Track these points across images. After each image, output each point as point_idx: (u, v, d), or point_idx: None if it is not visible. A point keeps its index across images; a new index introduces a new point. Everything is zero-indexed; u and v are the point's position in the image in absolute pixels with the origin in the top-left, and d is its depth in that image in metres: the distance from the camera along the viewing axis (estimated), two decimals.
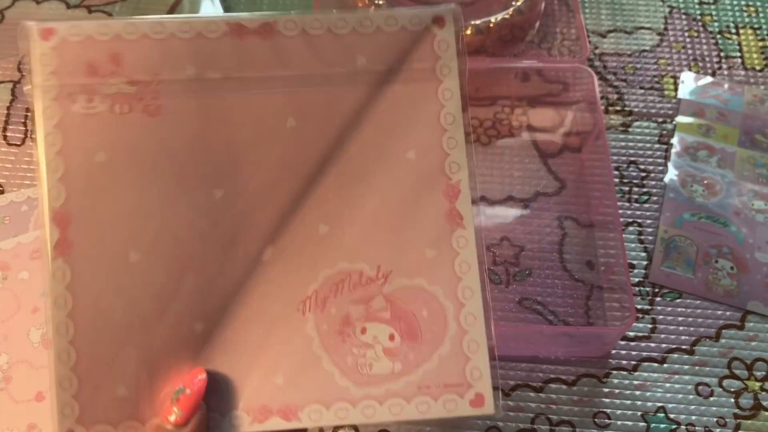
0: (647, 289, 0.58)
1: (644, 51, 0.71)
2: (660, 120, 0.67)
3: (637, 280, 0.59)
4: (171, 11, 0.73)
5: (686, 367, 0.55)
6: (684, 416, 0.53)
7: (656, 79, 0.69)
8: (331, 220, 0.38)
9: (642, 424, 0.53)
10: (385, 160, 0.39)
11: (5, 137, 0.66)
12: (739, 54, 0.71)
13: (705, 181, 0.63)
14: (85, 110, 0.37)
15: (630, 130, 0.66)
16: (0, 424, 0.51)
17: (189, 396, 0.35)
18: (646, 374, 0.55)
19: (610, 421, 0.53)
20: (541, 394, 0.54)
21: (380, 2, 0.67)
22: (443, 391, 0.37)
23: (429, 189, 0.38)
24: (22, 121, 0.67)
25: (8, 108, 0.67)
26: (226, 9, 0.72)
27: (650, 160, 0.64)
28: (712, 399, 0.54)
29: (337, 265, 0.38)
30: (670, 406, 0.53)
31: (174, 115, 0.38)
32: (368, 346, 0.37)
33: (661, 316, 0.57)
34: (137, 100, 0.37)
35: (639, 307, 0.57)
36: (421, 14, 0.39)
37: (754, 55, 0.70)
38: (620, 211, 0.62)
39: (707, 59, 0.70)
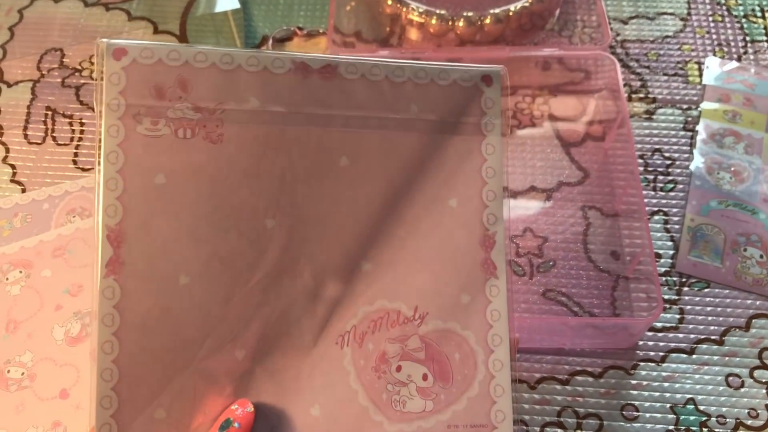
0: (674, 278, 0.57)
1: (667, 37, 0.70)
2: (685, 107, 0.65)
3: (663, 270, 0.58)
4: (188, 7, 0.73)
5: (716, 357, 0.54)
6: (714, 408, 0.52)
7: (680, 66, 0.68)
8: (374, 258, 0.40)
9: (671, 416, 0.52)
10: (429, 206, 0.40)
11: (26, 136, 0.66)
12: (765, 38, 0.69)
13: (732, 168, 0.61)
14: (149, 132, 0.38)
15: (654, 117, 0.65)
16: (25, 421, 0.52)
17: (238, 430, 0.36)
18: (674, 366, 0.54)
19: (638, 414, 0.52)
20: (567, 387, 0.53)
21: (412, 6, 0.67)
22: (469, 431, 0.38)
23: (467, 237, 0.40)
24: (42, 120, 0.67)
25: (28, 107, 0.67)
26: (243, 3, 0.72)
27: (675, 147, 0.63)
28: (743, 390, 0.53)
29: (376, 302, 0.39)
30: (700, 397, 0.52)
31: (234, 143, 0.38)
32: (403, 383, 0.39)
33: (689, 307, 0.56)
34: (201, 127, 0.38)
35: (666, 297, 0.56)
36: (472, 72, 0.41)
37: None
38: (645, 200, 0.61)
39: (732, 44, 0.69)
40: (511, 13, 0.65)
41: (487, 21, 0.65)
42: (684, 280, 0.57)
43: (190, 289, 0.37)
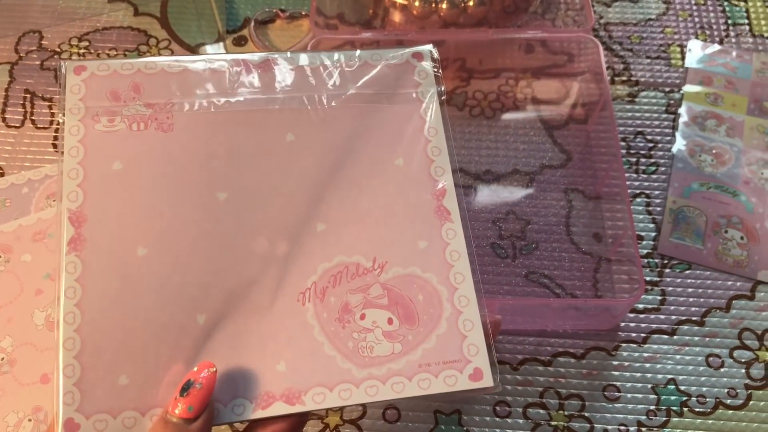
0: (656, 260, 0.58)
1: (650, 20, 0.70)
2: (667, 89, 0.66)
3: (645, 251, 0.58)
4: None
5: (696, 338, 0.54)
6: (695, 388, 0.53)
7: (663, 48, 0.68)
8: (328, 219, 0.42)
9: (652, 396, 0.52)
10: (376, 167, 0.43)
11: (4, 119, 0.65)
12: (747, 21, 0.69)
13: (713, 151, 0.62)
14: (107, 128, 0.42)
15: (637, 100, 0.65)
16: (6, 406, 0.51)
17: (200, 390, 0.36)
18: (656, 346, 0.54)
19: (620, 394, 0.52)
20: (549, 368, 0.53)
21: None
22: (443, 368, 0.39)
23: (417, 190, 0.43)
24: (21, 102, 0.66)
25: (6, 90, 0.67)
26: None
27: (657, 130, 0.63)
28: (722, 370, 0.53)
29: (334, 258, 0.41)
30: (681, 378, 0.53)
31: (184, 131, 0.42)
32: (368, 330, 0.40)
33: (670, 288, 0.56)
34: (152, 119, 0.43)
35: (648, 279, 0.57)
36: (402, 51, 0.46)
37: (762, 22, 0.69)
38: (627, 183, 0.61)
39: (714, 27, 0.69)
40: None
41: (471, 3, 0.64)
42: (666, 261, 0.57)
43: (149, 260, 0.40)
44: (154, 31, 0.70)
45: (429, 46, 0.47)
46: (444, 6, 0.64)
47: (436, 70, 0.46)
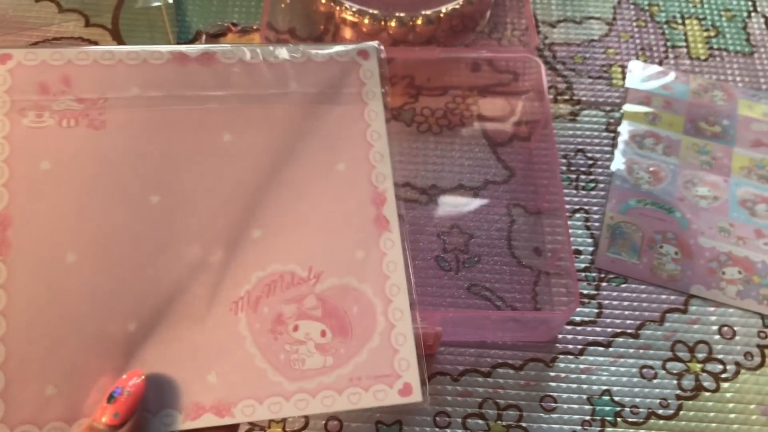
0: (593, 274, 0.59)
1: (593, 41, 0.72)
2: (608, 109, 0.68)
3: (583, 265, 0.60)
4: (120, 1, 0.72)
5: (631, 350, 0.56)
6: (628, 398, 0.54)
7: (604, 69, 0.70)
8: (265, 225, 0.41)
9: (588, 406, 0.54)
10: (316, 171, 0.42)
11: None
12: (684, 44, 0.72)
13: (651, 169, 0.64)
14: (34, 124, 0.40)
15: (578, 118, 0.67)
16: None
17: (128, 397, 0.36)
18: (592, 358, 0.56)
19: (556, 405, 0.54)
20: (489, 379, 0.55)
21: (346, 5, 0.68)
22: (373, 382, 0.39)
23: (357, 197, 0.42)
24: None
25: None
26: (177, 3, 0.72)
27: (597, 148, 0.65)
28: (655, 381, 0.55)
29: (269, 267, 0.40)
30: (615, 389, 0.55)
31: (117, 129, 0.41)
32: (301, 342, 0.39)
33: (607, 301, 0.58)
34: (84, 116, 0.41)
35: (585, 292, 0.58)
36: (348, 48, 0.45)
37: (699, 45, 0.72)
38: (567, 199, 0.63)
39: (654, 49, 0.72)
40: (442, 15, 0.66)
41: (419, 22, 0.66)
42: (603, 275, 0.59)
43: (78, 266, 0.38)
44: (105, 42, 0.70)
45: (375, 44, 0.45)
46: (393, 24, 0.66)
47: (381, 68, 0.45)
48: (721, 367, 0.56)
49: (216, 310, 0.39)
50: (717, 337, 0.57)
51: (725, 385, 0.55)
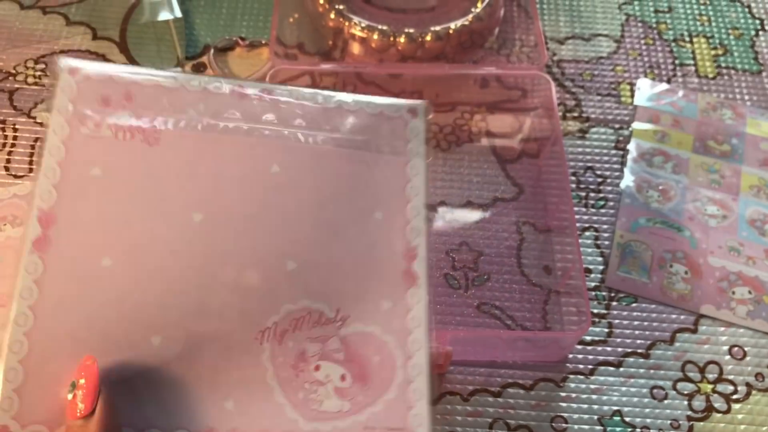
0: (603, 293, 0.59)
1: (601, 58, 0.72)
2: (617, 126, 0.68)
3: (593, 284, 0.59)
4: (128, 14, 0.72)
5: (642, 370, 0.56)
6: (639, 419, 0.54)
7: (613, 86, 0.70)
8: (300, 259, 0.41)
9: (598, 427, 0.53)
10: (355, 216, 0.43)
11: None
12: (692, 62, 0.72)
13: (660, 187, 0.64)
14: (91, 133, 0.41)
15: (587, 136, 0.67)
16: None
17: (85, 384, 0.35)
18: (602, 378, 0.55)
19: (567, 425, 0.53)
20: (499, 399, 0.54)
21: (340, 6, 0.67)
22: None
23: (390, 248, 0.43)
24: None
25: None
26: (185, 12, 0.72)
27: (607, 165, 0.65)
28: (666, 402, 0.55)
29: (299, 301, 0.41)
30: (626, 409, 0.54)
31: (170, 146, 0.42)
32: (320, 383, 0.40)
33: (617, 321, 0.58)
34: (139, 131, 0.42)
35: (595, 311, 0.58)
36: (399, 104, 0.45)
37: (707, 63, 0.72)
38: (577, 217, 0.62)
39: (662, 66, 0.72)
40: (451, 31, 0.66)
41: (428, 38, 0.66)
42: (613, 294, 0.59)
43: (112, 272, 0.39)
44: (112, 55, 0.70)
45: (424, 103, 0.46)
46: (402, 40, 0.66)
47: (427, 128, 0.46)
48: (732, 388, 0.55)
49: (242, 337, 0.39)
50: (727, 357, 0.56)
51: (736, 406, 0.54)
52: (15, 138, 0.65)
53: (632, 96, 0.69)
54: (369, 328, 0.41)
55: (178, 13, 0.69)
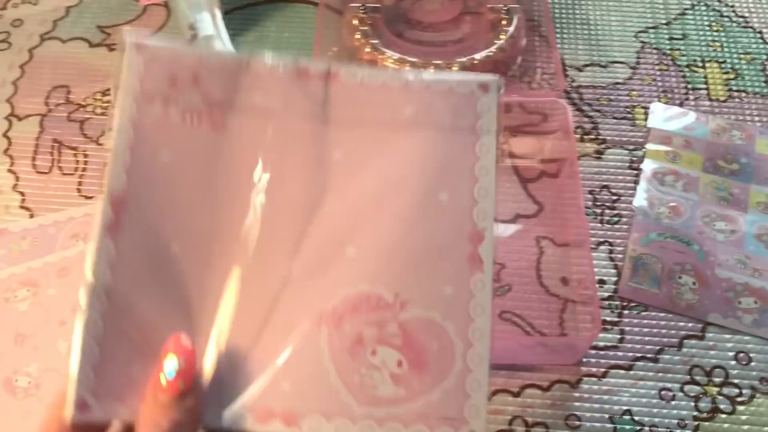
0: (616, 302, 0.64)
1: (618, 83, 0.77)
2: (631, 147, 0.73)
3: (607, 294, 0.64)
4: None
5: (651, 373, 0.61)
6: (648, 419, 0.58)
7: (628, 110, 0.75)
8: (360, 244, 0.40)
9: (609, 425, 0.58)
10: (419, 199, 0.41)
11: (34, 166, 0.72)
12: (705, 86, 0.77)
13: (671, 204, 0.68)
14: (160, 115, 0.40)
15: (603, 157, 0.72)
16: (32, 426, 0.57)
17: (184, 363, 0.36)
18: (614, 380, 0.60)
19: (580, 423, 0.58)
20: (518, 399, 0.60)
21: (374, 41, 0.74)
22: (440, 423, 0.38)
23: (456, 231, 0.40)
24: (49, 151, 0.73)
25: (37, 139, 0.74)
26: (235, 47, 0.79)
27: (621, 184, 0.70)
28: (673, 403, 0.59)
29: (358, 286, 0.40)
30: (635, 409, 0.59)
31: (235, 133, 0.41)
32: (376, 368, 0.38)
33: (628, 328, 0.63)
34: (207, 116, 0.41)
35: (608, 319, 0.63)
36: (469, 80, 0.43)
37: (719, 87, 0.76)
38: (593, 231, 0.67)
39: (675, 91, 0.76)
40: (476, 62, 0.72)
41: (454, 68, 0.72)
42: (625, 304, 0.64)
43: (180, 257, 0.39)
44: None
45: (496, 77, 0.43)
46: (431, 71, 0.72)
47: (500, 103, 0.42)
48: (737, 391, 0.60)
49: (300, 320, 0.39)
50: (733, 362, 0.61)
51: (741, 408, 0.59)
52: (86, 163, 0.72)
53: (646, 119, 0.74)
54: (429, 313, 0.39)
55: (230, 48, 0.76)
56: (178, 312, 0.39)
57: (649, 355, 0.61)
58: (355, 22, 0.76)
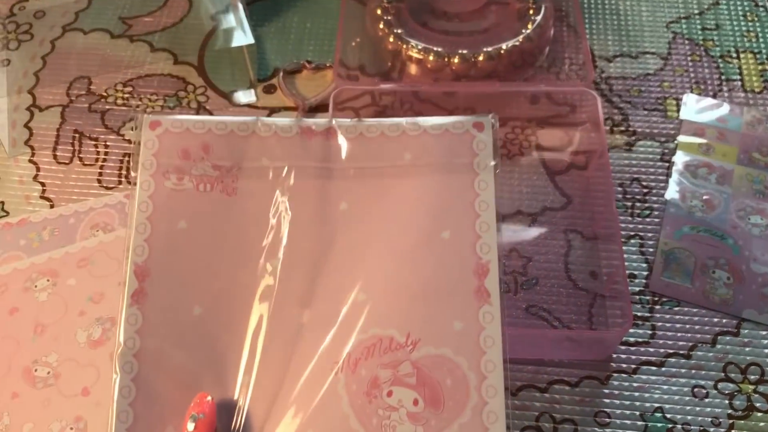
0: (647, 297, 0.62)
1: (648, 74, 0.75)
2: (662, 139, 0.71)
3: (638, 289, 0.62)
4: (206, 41, 0.79)
5: (683, 370, 0.59)
6: (680, 416, 0.57)
7: (659, 101, 0.73)
8: (369, 289, 0.42)
9: (641, 423, 0.56)
10: (422, 239, 0.43)
11: (55, 156, 0.72)
12: (739, 77, 0.74)
13: (704, 197, 0.66)
14: (175, 186, 0.44)
15: (634, 149, 0.70)
16: (50, 415, 0.56)
17: (206, 418, 0.39)
18: (645, 377, 0.58)
19: (610, 420, 0.57)
20: (545, 395, 0.58)
21: (398, 31, 0.73)
22: None
23: (460, 266, 0.42)
24: (70, 141, 0.73)
25: (58, 130, 0.73)
26: (257, 38, 0.78)
27: (652, 177, 0.68)
28: (707, 400, 0.57)
29: (370, 330, 0.41)
30: (667, 406, 0.57)
31: (247, 196, 0.45)
32: (393, 408, 0.40)
33: (660, 323, 0.61)
34: (219, 182, 0.45)
35: (639, 314, 0.61)
36: (464, 121, 0.45)
37: (754, 78, 0.74)
38: (623, 225, 0.66)
39: (708, 82, 0.74)
40: (502, 51, 0.71)
41: (480, 58, 0.70)
42: (656, 299, 0.62)
43: (203, 319, 0.42)
44: (191, 78, 0.77)
45: (490, 116, 0.45)
46: (456, 60, 0.70)
47: (495, 140, 0.45)
48: None
49: (318, 369, 0.41)
50: None
51: None
52: (106, 154, 0.72)
53: (678, 111, 0.72)
54: (441, 350, 0.40)
55: (251, 39, 0.76)
56: (203, 372, 0.41)
57: (681, 352, 0.59)
58: (379, 11, 0.74)
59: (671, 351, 0.59)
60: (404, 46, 0.72)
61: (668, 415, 0.57)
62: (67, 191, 0.69)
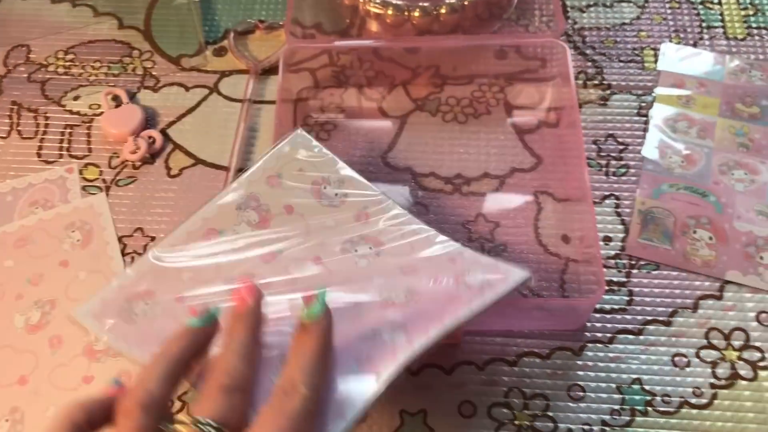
0: (624, 261, 0.58)
1: (624, 24, 0.70)
2: (639, 93, 0.66)
3: (614, 252, 0.58)
4: (153, 3, 0.74)
5: (663, 338, 0.55)
6: (659, 387, 0.53)
7: (636, 52, 0.68)
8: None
9: (617, 395, 0.52)
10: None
11: None
12: (721, 24, 0.70)
13: (684, 152, 0.62)
14: None
15: (609, 103, 0.66)
16: None
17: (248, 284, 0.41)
18: (622, 347, 0.54)
19: (584, 393, 0.53)
20: (515, 368, 0.54)
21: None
22: None
23: None
24: (8, 114, 0.68)
25: None
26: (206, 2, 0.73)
27: (629, 133, 0.64)
28: (688, 370, 0.53)
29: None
30: (646, 377, 0.53)
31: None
32: None
33: (637, 288, 0.57)
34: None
35: (615, 279, 0.57)
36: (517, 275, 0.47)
37: (737, 25, 0.70)
38: (597, 185, 0.61)
39: (688, 30, 0.70)
40: (466, 3, 0.66)
41: (443, 11, 0.65)
42: (633, 262, 0.58)
43: None
44: (137, 43, 0.72)
45: (528, 275, 0.47)
46: (416, 14, 0.66)
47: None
48: (759, 354, 0.54)
49: None
50: (754, 324, 0.55)
51: (763, 373, 0.53)
52: (47, 126, 0.67)
53: (656, 61, 0.68)
54: None
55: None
56: None
57: (660, 318, 0.55)
58: None
59: (650, 318, 0.55)
60: (362, 1, 0.67)
61: (647, 387, 0.53)
62: (3, 167, 0.65)
